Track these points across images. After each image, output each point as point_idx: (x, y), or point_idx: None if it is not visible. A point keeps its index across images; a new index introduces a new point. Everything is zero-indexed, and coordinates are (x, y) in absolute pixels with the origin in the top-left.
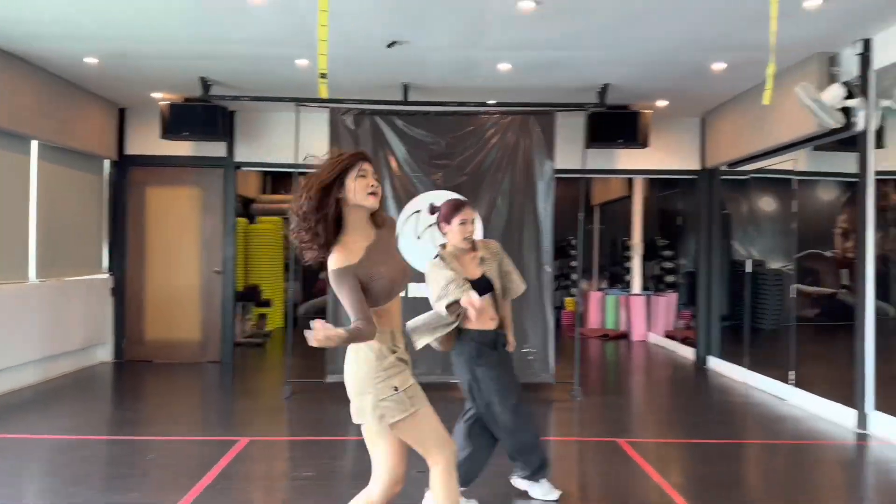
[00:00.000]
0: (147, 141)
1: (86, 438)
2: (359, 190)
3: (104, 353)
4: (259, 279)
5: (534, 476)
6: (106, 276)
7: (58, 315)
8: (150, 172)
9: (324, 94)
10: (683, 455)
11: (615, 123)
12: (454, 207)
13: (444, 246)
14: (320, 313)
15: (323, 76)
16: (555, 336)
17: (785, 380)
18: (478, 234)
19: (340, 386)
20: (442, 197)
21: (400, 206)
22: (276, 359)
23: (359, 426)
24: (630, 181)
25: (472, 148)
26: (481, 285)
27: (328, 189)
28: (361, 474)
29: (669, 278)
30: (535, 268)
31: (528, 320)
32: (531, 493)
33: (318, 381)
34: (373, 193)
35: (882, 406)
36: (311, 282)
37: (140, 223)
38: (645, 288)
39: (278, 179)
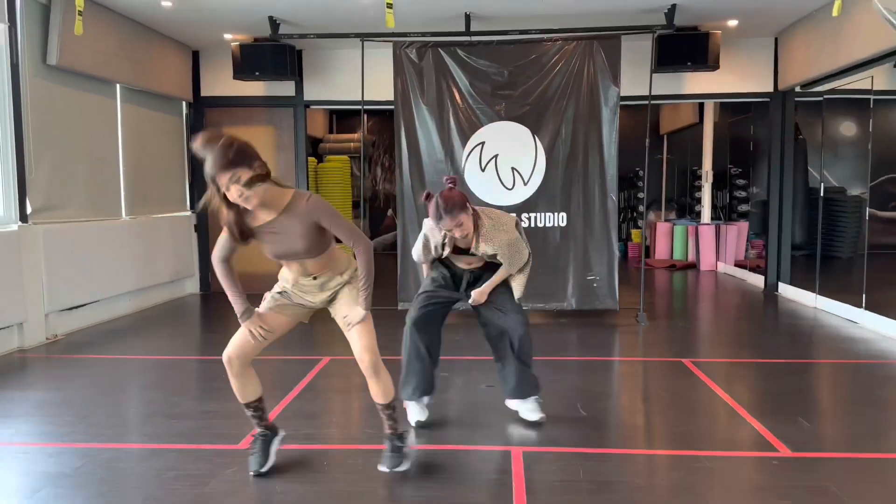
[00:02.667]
0: (221, 82)
1: (182, 358)
2: (237, 199)
3: (192, 286)
4: None
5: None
6: (189, 213)
7: (147, 250)
8: (224, 113)
9: (391, 23)
10: (749, 373)
11: (684, 46)
12: (436, 217)
13: None
14: (390, 248)
15: (389, 6)
16: (620, 266)
17: (858, 304)
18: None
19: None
20: (503, 130)
21: (464, 139)
22: None
23: None
24: (700, 108)
25: (534, 76)
26: (461, 252)
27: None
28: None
29: (741, 207)
30: (600, 196)
31: (593, 248)
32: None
33: (391, 308)
34: (244, 203)
35: None
36: (379, 219)
37: None
38: (715, 217)
39: (343, 119)
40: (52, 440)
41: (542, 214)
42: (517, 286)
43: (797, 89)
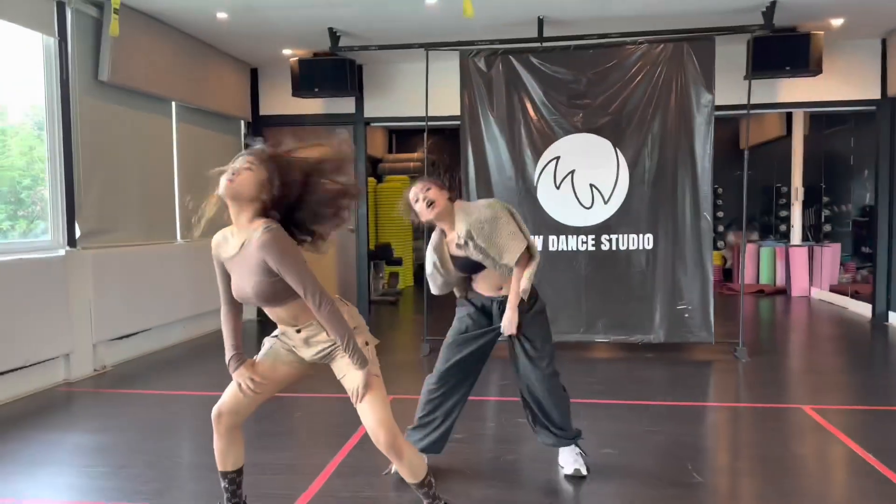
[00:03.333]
0: (279, 100)
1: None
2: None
3: (249, 311)
4: (389, 238)
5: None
6: None
7: (202, 274)
8: (283, 132)
9: (469, 12)
10: (890, 427)
11: (781, 48)
12: (406, 195)
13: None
14: None
15: None
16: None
17: None
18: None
19: None
20: (581, 143)
21: (536, 154)
22: (409, 316)
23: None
24: (789, 119)
25: (617, 84)
26: (464, 266)
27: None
28: (504, 437)
29: (828, 227)
30: (693, 216)
31: (683, 274)
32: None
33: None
34: (227, 179)
35: None
36: None
37: None
38: (805, 238)
39: (403, 137)
40: (79, 495)
41: (626, 236)
42: (525, 279)
43: None
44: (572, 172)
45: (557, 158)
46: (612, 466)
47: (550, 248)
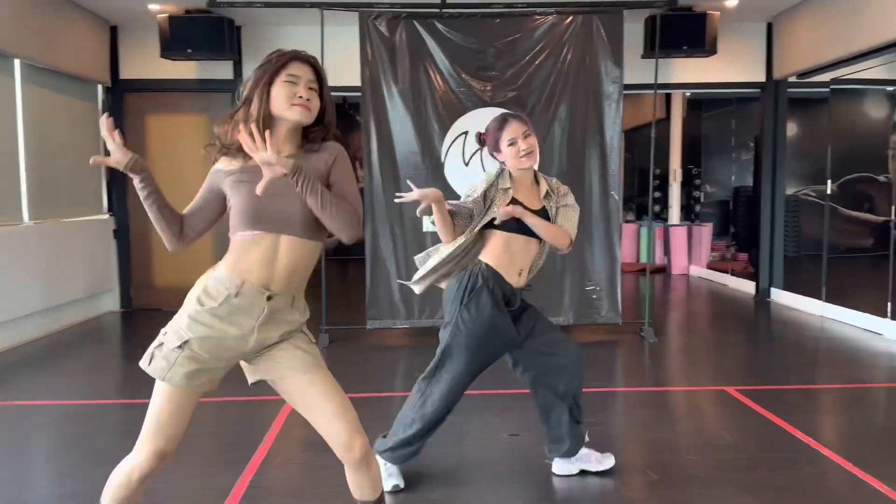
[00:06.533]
0: (144, 64)
1: (103, 404)
2: (281, 99)
3: (111, 302)
4: None
5: (383, 451)
6: (107, 216)
7: (56, 260)
8: (149, 98)
9: None
10: (810, 405)
11: (680, 28)
12: (497, 127)
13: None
14: (335, 252)
15: None
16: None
17: (882, 314)
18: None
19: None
20: (490, 117)
21: (443, 128)
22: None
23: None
24: (668, 102)
25: (525, 56)
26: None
27: (250, 96)
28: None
29: (698, 208)
30: (601, 195)
31: (591, 254)
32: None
33: (359, 326)
34: (299, 105)
35: None
36: None
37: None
38: (683, 219)
39: None
40: None
41: None
42: (555, 233)
43: (791, 79)
44: (481, 149)
45: (466, 133)
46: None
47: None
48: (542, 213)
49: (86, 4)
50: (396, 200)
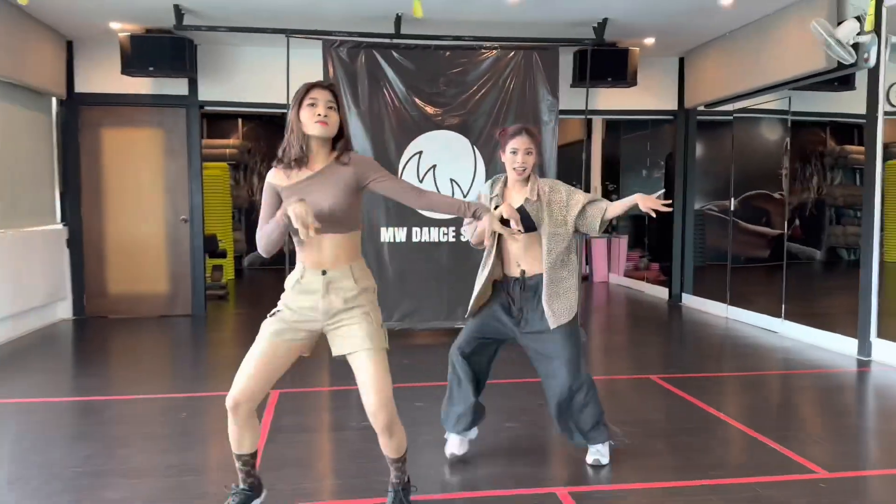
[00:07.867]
0: (100, 78)
1: (48, 401)
2: (307, 119)
3: (64, 310)
4: (211, 228)
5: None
6: (60, 226)
7: (9, 270)
8: (104, 112)
9: (419, 13)
10: (722, 389)
11: (606, 61)
12: (511, 133)
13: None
14: (268, 264)
15: None
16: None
17: (777, 314)
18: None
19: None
20: (442, 139)
21: (399, 147)
22: (246, 310)
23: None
24: (589, 125)
25: (473, 85)
26: (525, 218)
27: (290, 121)
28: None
29: (615, 222)
30: None
31: None
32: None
33: None
34: (320, 122)
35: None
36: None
37: (95, 168)
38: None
39: (215, 123)
40: None
41: None
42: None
43: (700, 108)
44: (434, 167)
45: (420, 153)
46: (522, 437)
47: (414, 240)
48: (521, 210)
49: (43, 19)
50: (517, 235)
